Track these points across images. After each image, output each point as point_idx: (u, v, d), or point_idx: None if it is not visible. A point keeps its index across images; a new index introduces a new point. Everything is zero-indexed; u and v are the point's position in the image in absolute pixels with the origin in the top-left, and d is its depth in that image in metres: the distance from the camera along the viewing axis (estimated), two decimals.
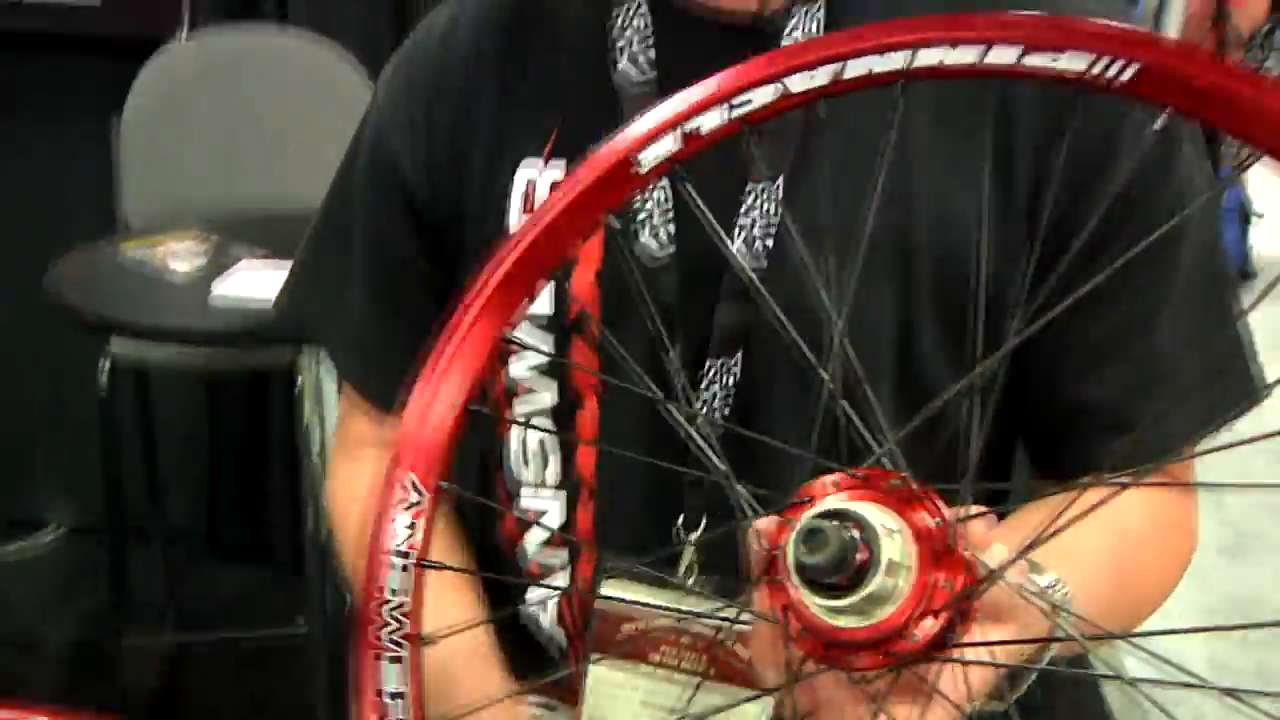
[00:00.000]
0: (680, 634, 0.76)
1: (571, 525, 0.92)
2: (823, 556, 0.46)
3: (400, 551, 0.54)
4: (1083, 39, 0.47)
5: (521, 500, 0.94)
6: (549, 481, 0.93)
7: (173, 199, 2.48)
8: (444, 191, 0.93)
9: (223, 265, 1.91)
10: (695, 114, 0.54)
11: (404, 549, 0.54)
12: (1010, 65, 0.49)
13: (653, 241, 0.85)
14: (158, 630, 2.67)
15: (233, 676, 2.57)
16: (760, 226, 0.84)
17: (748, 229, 0.84)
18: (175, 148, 2.50)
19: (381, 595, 0.54)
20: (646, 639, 0.77)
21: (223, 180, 2.51)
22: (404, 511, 0.54)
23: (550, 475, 0.93)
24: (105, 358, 2.27)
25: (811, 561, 0.47)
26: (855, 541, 0.47)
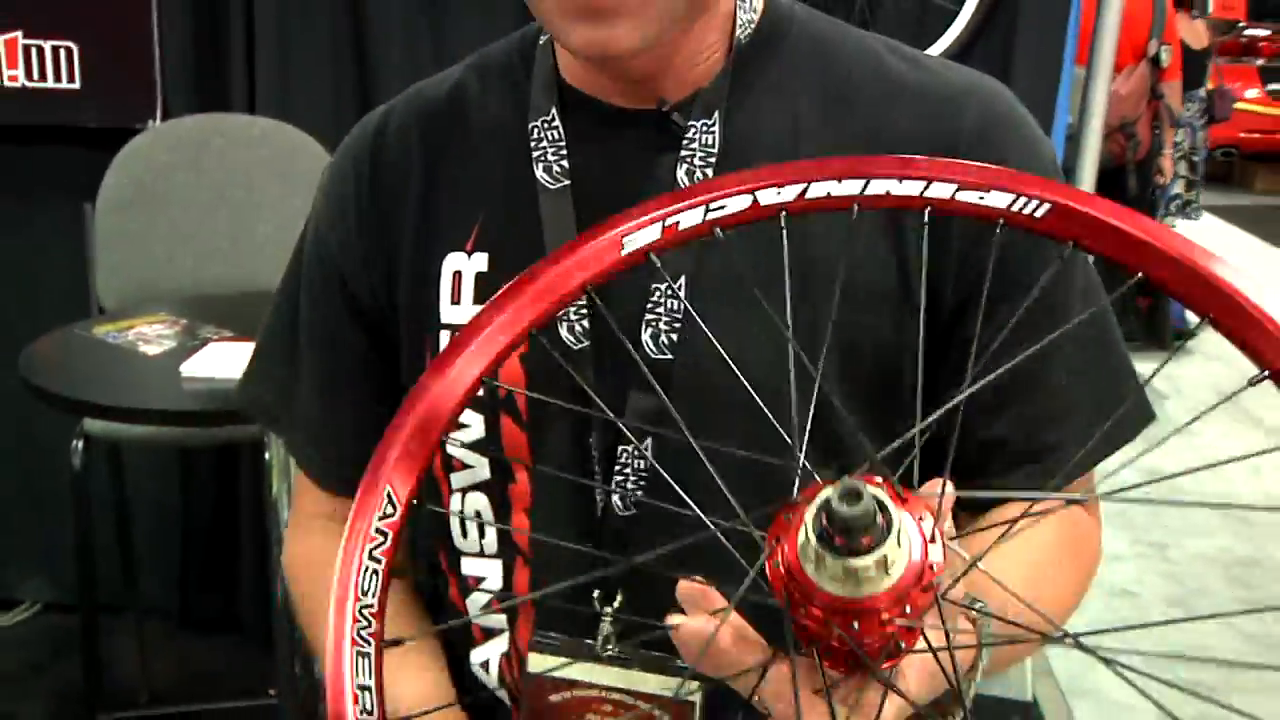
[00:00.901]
0: (605, 700, 0.79)
1: (510, 591, 0.95)
2: (859, 509, 0.51)
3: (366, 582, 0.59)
4: (1004, 180, 0.56)
5: (462, 567, 0.97)
6: (487, 551, 0.96)
7: (144, 282, 2.49)
8: (378, 281, 0.96)
9: (192, 346, 1.92)
10: (678, 212, 0.59)
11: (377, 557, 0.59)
12: (946, 199, 0.56)
13: (569, 335, 0.88)
14: (131, 704, 2.65)
15: None
16: (664, 323, 0.87)
17: (655, 324, 0.87)
18: (146, 232, 2.51)
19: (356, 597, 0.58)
20: (574, 706, 0.79)
21: (192, 263, 2.53)
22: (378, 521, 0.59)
23: (489, 544, 0.95)
24: (78, 437, 2.29)
25: (851, 512, 0.51)
26: (876, 511, 0.51)
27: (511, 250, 0.90)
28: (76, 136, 2.72)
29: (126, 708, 2.61)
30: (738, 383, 0.65)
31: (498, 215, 0.92)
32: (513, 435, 0.91)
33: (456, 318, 0.92)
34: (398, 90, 1.03)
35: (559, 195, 0.90)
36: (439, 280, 0.93)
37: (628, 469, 0.89)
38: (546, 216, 0.89)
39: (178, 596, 3.05)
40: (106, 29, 2.69)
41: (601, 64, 0.87)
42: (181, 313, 2.11)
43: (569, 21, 0.80)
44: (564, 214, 0.89)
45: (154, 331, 2.02)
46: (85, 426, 2.31)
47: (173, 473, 2.97)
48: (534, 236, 0.89)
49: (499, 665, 0.97)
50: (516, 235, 0.90)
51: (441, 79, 1.00)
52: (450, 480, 0.95)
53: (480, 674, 0.98)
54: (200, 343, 1.94)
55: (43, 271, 2.81)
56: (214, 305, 2.21)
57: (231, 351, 1.86)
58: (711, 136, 0.88)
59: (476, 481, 0.94)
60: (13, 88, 2.71)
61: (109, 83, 2.71)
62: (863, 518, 0.51)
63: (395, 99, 1.01)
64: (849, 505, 0.51)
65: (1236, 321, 0.52)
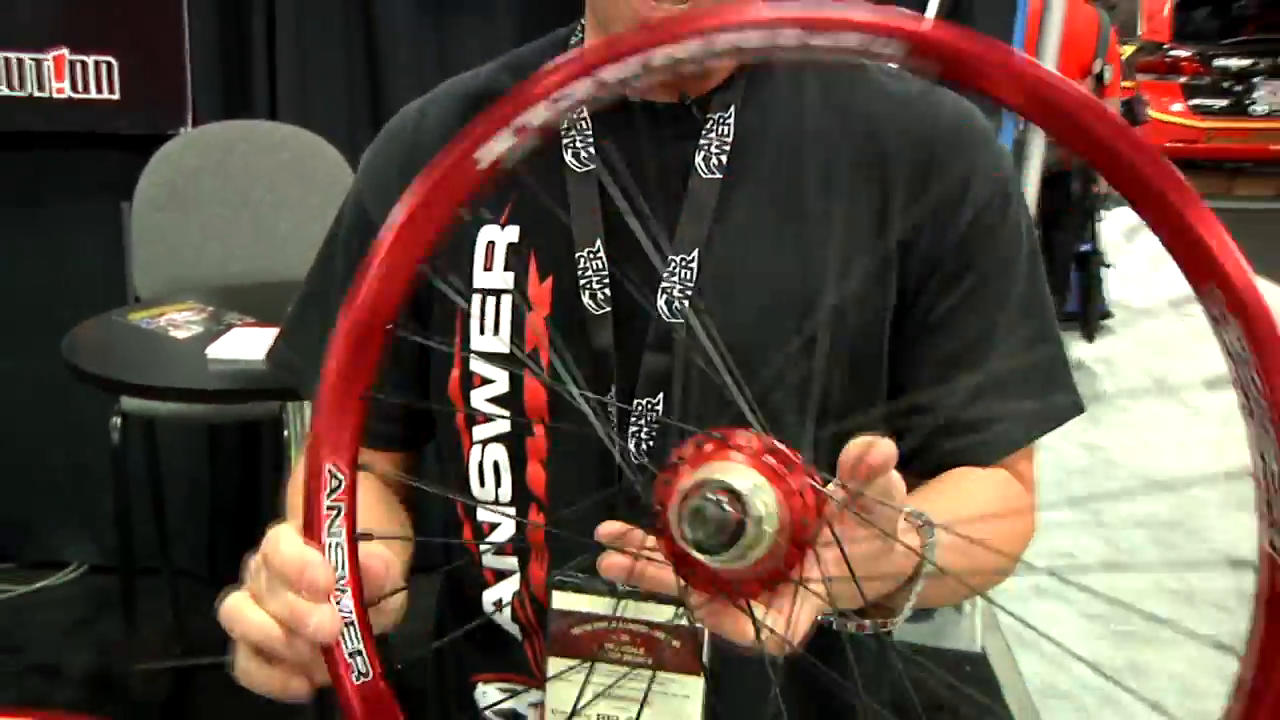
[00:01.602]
0: (623, 630, 0.78)
1: (523, 535, 0.94)
2: (704, 531, 0.51)
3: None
4: (855, 24, 0.46)
5: (477, 514, 0.95)
6: (502, 499, 0.93)
7: (174, 273, 2.48)
8: None
9: (217, 331, 1.91)
10: (523, 110, 0.51)
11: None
12: (798, 44, 0.47)
13: (591, 302, 0.88)
14: (165, 655, 2.65)
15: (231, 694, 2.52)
16: (678, 290, 0.87)
17: (669, 291, 0.87)
18: (177, 229, 2.50)
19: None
20: (594, 636, 0.78)
21: (219, 256, 2.52)
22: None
23: (504, 493, 0.93)
24: (116, 414, 2.28)
25: (697, 537, 0.51)
26: (728, 514, 0.51)
27: (541, 224, 0.90)
28: (115, 142, 2.71)
29: (161, 658, 2.60)
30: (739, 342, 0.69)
31: (529, 194, 0.90)
32: (534, 392, 0.90)
33: (488, 283, 0.91)
34: (405, 98, 1.02)
35: (585, 178, 0.90)
36: (473, 249, 0.92)
37: (642, 421, 0.88)
38: (573, 196, 0.90)
39: (206, 559, 3.05)
40: (142, 45, 2.68)
41: None
42: (208, 301, 2.09)
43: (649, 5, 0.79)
44: (589, 194, 0.89)
45: (183, 318, 2.01)
46: (122, 405, 2.30)
47: (201, 447, 2.97)
48: (562, 213, 0.89)
49: (511, 604, 0.95)
50: (546, 211, 0.89)
51: (474, 75, 0.99)
52: (472, 433, 0.93)
53: (492, 612, 0.96)
54: (225, 328, 1.93)
55: (84, 264, 2.80)
56: (238, 294, 2.19)
57: (253, 336, 1.85)
58: (727, 128, 0.89)
59: (497, 434, 0.93)
60: (59, 99, 2.70)
61: (144, 93, 2.71)
62: (711, 537, 0.51)
63: (430, 93, 0.99)
64: (695, 530, 0.51)
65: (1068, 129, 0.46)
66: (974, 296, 0.88)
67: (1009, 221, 0.90)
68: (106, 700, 2.54)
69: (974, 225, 0.88)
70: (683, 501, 0.52)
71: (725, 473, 0.52)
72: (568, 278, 0.89)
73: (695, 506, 0.51)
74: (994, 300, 0.89)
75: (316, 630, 0.56)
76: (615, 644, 0.78)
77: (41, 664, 2.70)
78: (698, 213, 0.87)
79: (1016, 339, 0.90)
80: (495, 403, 0.92)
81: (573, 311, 0.88)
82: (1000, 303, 0.89)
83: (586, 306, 0.88)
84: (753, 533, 0.51)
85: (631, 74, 0.49)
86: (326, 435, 0.56)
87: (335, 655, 0.56)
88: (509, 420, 0.92)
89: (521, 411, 0.91)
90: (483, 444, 0.93)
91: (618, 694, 0.77)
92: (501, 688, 0.95)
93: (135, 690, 2.32)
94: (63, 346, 1.88)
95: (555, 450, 0.91)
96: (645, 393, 0.88)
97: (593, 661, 0.78)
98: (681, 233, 0.87)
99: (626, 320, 0.88)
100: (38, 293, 2.90)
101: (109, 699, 2.53)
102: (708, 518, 0.51)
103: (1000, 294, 0.89)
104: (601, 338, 0.88)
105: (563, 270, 0.89)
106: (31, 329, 2.89)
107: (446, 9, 2.62)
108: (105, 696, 2.55)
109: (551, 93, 0.50)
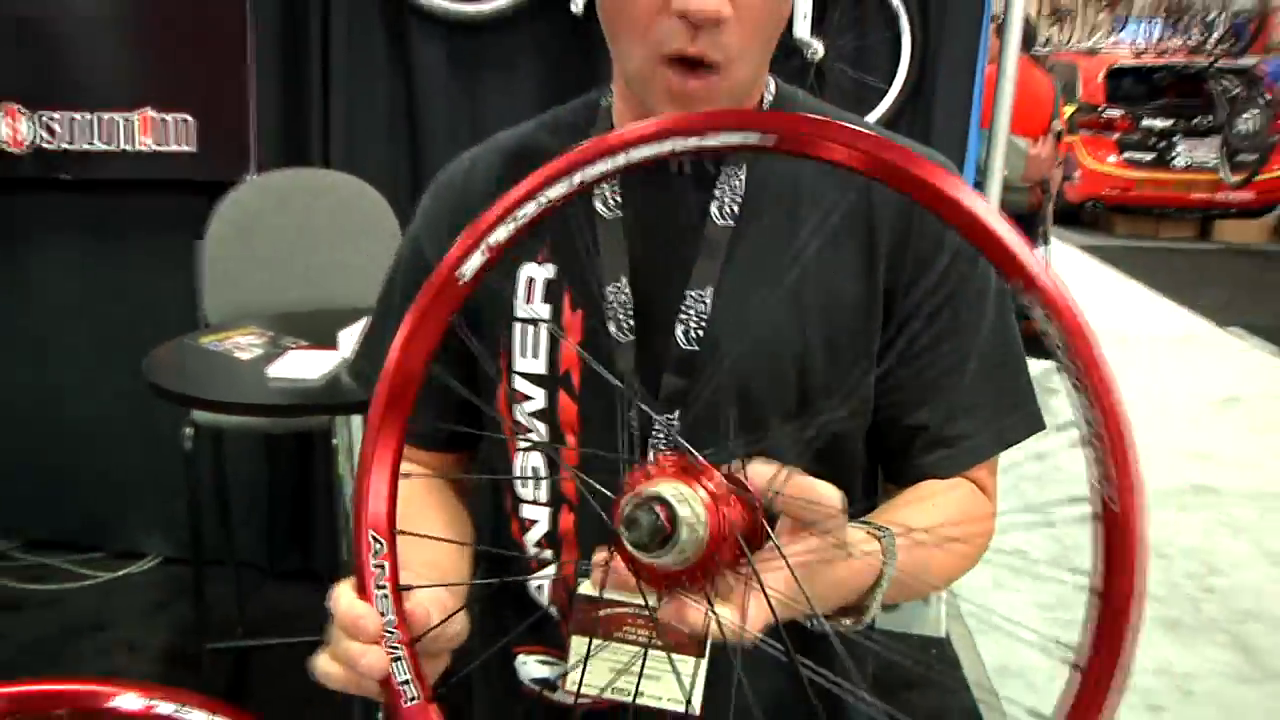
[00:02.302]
0: (636, 616, 0.78)
1: (557, 530, 0.94)
2: (637, 534, 0.54)
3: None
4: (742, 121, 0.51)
5: (521, 511, 0.96)
6: (540, 500, 0.94)
7: (239, 302, 2.47)
8: None
9: (276, 353, 1.90)
10: (489, 232, 0.56)
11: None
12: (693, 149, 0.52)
13: (617, 330, 0.88)
14: (230, 635, 2.65)
15: (288, 672, 2.51)
16: (694, 322, 0.87)
17: (686, 322, 0.87)
18: (242, 263, 2.50)
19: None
20: (612, 620, 0.79)
21: (277, 287, 2.51)
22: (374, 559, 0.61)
23: (541, 495, 0.94)
24: (188, 425, 2.27)
25: (632, 539, 0.55)
26: (659, 520, 0.54)
27: (574, 263, 0.90)
28: (190, 188, 2.71)
29: (226, 638, 2.60)
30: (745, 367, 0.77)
31: (565, 236, 0.89)
32: (567, 408, 0.90)
33: (528, 313, 0.92)
34: (438, 150, 1.04)
35: (614, 224, 0.89)
36: (515, 283, 0.92)
37: (661, 434, 0.88)
38: (603, 240, 0.89)
39: (265, 551, 3.05)
40: (214, 105, 2.70)
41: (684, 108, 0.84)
42: (268, 326, 2.09)
43: (666, 68, 0.80)
44: (617, 239, 0.89)
45: (246, 341, 2.00)
46: (194, 417, 2.28)
47: (260, 454, 2.97)
48: (592, 254, 0.89)
49: (549, 589, 0.96)
50: (578, 252, 0.89)
51: (517, 131, 0.98)
52: (516, 441, 0.94)
53: (536, 597, 0.97)
54: (282, 350, 1.92)
55: (161, 293, 2.80)
56: (293, 320, 2.18)
57: (308, 357, 1.83)
58: (739, 182, 0.89)
59: (536, 443, 0.94)
60: (144, 151, 2.74)
61: (215, 146, 2.72)
62: (643, 539, 0.54)
63: (477, 147, 0.99)
64: (629, 534, 0.55)
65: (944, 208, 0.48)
66: (950, 330, 0.88)
67: (979, 265, 0.90)
68: (180, 674, 2.54)
69: (949, 269, 0.88)
70: (625, 514, 0.55)
71: (656, 487, 0.55)
72: (597, 310, 0.89)
73: (628, 516, 0.55)
74: (967, 332, 0.89)
75: (368, 669, 0.63)
76: (632, 627, 0.79)
77: (126, 640, 2.72)
78: (712, 254, 0.87)
79: (986, 365, 0.90)
80: (534, 417, 0.92)
81: (600, 339, 0.88)
82: (972, 334, 0.89)
83: (614, 335, 0.88)
84: (685, 534, 0.54)
85: (564, 193, 0.54)
86: (366, 509, 0.61)
87: (390, 684, 0.63)
88: (545, 432, 0.92)
89: (556, 424, 0.91)
90: (524, 452, 0.94)
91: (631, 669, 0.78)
92: (539, 659, 0.96)
93: (204, 666, 2.31)
94: (143, 366, 1.88)
95: (583, 458, 0.92)
96: (663, 410, 0.88)
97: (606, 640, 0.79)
98: (698, 271, 0.87)
99: (647, 347, 0.88)
100: (122, 318, 2.92)
101: (183, 673, 2.53)
102: (640, 523, 0.54)
103: (972, 327, 0.89)
104: (625, 361, 0.88)
105: (592, 303, 0.89)
106: (116, 350, 2.90)
107: (475, 74, 2.62)
108: (179, 671, 2.55)
109: (506, 215, 0.55)
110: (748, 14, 0.78)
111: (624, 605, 0.78)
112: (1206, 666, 2.82)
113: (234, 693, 2.46)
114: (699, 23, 0.77)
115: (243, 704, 0.89)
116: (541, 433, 0.92)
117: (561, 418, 0.91)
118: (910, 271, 0.88)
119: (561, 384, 0.90)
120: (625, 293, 0.88)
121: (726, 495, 0.57)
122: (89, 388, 3.00)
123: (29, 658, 2.62)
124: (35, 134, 2.75)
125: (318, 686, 0.67)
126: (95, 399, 3.00)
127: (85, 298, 2.95)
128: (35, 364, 3.02)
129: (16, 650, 2.66)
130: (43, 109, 2.74)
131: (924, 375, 0.89)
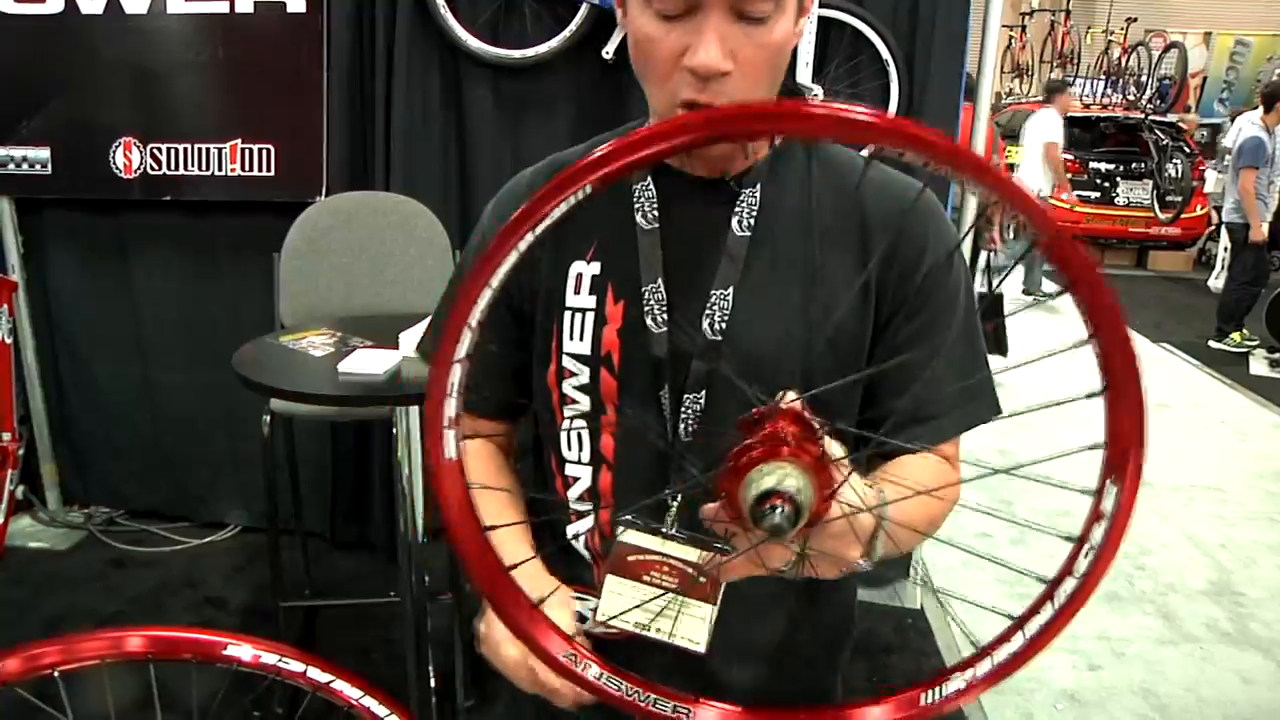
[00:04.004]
0: (664, 563, 0.78)
1: (597, 486, 0.95)
2: (775, 531, 0.57)
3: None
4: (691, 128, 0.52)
5: (565, 469, 0.97)
6: (583, 460, 0.96)
7: (311, 307, 2.45)
8: (525, 282, 0.95)
9: (344, 351, 1.87)
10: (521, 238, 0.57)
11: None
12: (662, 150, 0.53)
13: (652, 323, 0.90)
14: (300, 596, 2.65)
15: (350, 629, 2.54)
16: (718, 316, 0.89)
17: (711, 316, 0.89)
18: (314, 273, 2.47)
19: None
20: (642, 565, 0.79)
21: (344, 294, 2.48)
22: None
23: (584, 454, 0.95)
24: (266, 413, 2.25)
25: (770, 528, 0.57)
26: (787, 512, 0.56)
27: (617, 263, 0.92)
28: (270, 208, 2.70)
29: (296, 598, 2.60)
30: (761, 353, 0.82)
31: (608, 240, 0.93)
32: (608, 383, 0.92)
33: (576, 303, 0.93)
34: (485, 175, 1.05)
35: (651, 233, 0.91)
36: (566, 278, 0.94)
37: (688, 411, 0.90)
38: (641, 247, 0.91)
39: (329, 524, 3.04)
40: (292, 135, 2.70)
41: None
42: (337, 328, 2.06)
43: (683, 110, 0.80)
44: (654, 246, 0.90)
45: (319, 341, 1.97)
46: (271, 405, 2.26)
47: (327, 439, 2.96)
48: (633, 259, 0.91)
49: (585, 537, 0.98)
50: (620, 255, 0.92)
51: (571, 152, 1.00)
52: (563, 410, 0.95)
53: (574, 543, 0.99)
54: (350, 349, 1.89)
55: (246, 299, 2.80)
56: (359, 323, 2.14)
57: (372, 355, 1.80)
58: (756, 198, 0.91)
59: (580, 412, 0.95)
60: (232, 175, 2.74)
61: (292, 171, 2.71)
62: (780, 532, 0.56)
63: (537, 164, 1.00)
64: (766, 524, 0.57)
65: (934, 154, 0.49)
66: (927, 326, 0.90)
67: (954, 271, 0.93)
68: (259, 627, 2.53)
69: (930, 275, 0.90)
70: (755, 509, 0.57)
71: (780, 482, 0.57)
72: (635, 304, 0.90)
73: (766, 521, 0.56)
74: (940, 329, 0.90)
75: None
76: (659, 573, 0.78)
77: (212, 597, 2.74)
78: (732, 260, 0.89)
79: (956, 357, 0.92)
80: (579, 390, 0.93)
81: (638, 328, 0.90)
82: (945, 331, 0.90)
83: (649, 326, 0.90)
84: (806, 511, 0.57)
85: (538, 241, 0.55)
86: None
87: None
88: (589, 403, 0.94)
89: (599, 397, 0.93)
90: (570, 419, 0.95)
91: (650, 608, 0.78)
92: (574, 595, 0.96)
93: (279, 621, 2.29)
94: (231, 361, 1.86)
95: (620, 427, 0.93)
96: (693, 389, 0.89)
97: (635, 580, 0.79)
98: (721, 273, 0.89)
99: (677, 337, 0.90)
100: (211, 321, 2.93)
101: (261, 626, 2.52)
102: (779, 524, 0.56)
103: (945, 325, 0.90)
104: (658, 348, 0.89)
105: (632, 297, 0.90)
106: (205, 348, 2.92)
107: (518, 112, 2.61)
108: (258, 624, 2.56)
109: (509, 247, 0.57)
110: (749, 68, 0.80)
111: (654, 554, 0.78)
112: (1137, 632, 2.88)
113: (304, 644, 2.43)
114: (704, 76, 0.79)
115: (313, 654, 0.89)
116: (584, 404, 0.94)
117: (603, 390, 0.92)
118: (897, 273, 0.90)
119: (604, 363, 0.92)
120: (660, 291, 0.89)
121: (815, 453, 0.59)
122: (183, 381, 3.02)
123: (134, 608, 2.64)
124: (145, 162, 2.77)
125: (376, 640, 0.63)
126: (188, 391, 3.02)
127: (181, 303, 2.96)
128: (139, 360, 3.04)
129: (125, 602, 2.69)
130: (152, 141, 2.76)
131: (904, 365, 0.90)
